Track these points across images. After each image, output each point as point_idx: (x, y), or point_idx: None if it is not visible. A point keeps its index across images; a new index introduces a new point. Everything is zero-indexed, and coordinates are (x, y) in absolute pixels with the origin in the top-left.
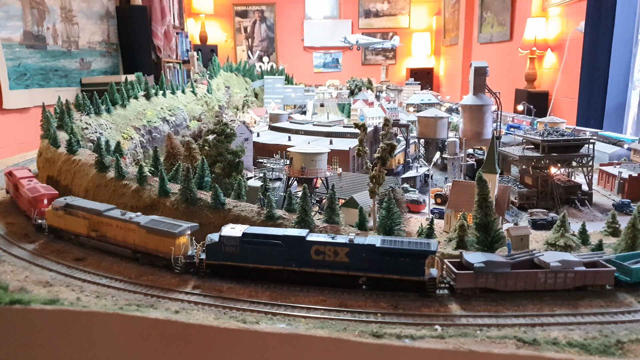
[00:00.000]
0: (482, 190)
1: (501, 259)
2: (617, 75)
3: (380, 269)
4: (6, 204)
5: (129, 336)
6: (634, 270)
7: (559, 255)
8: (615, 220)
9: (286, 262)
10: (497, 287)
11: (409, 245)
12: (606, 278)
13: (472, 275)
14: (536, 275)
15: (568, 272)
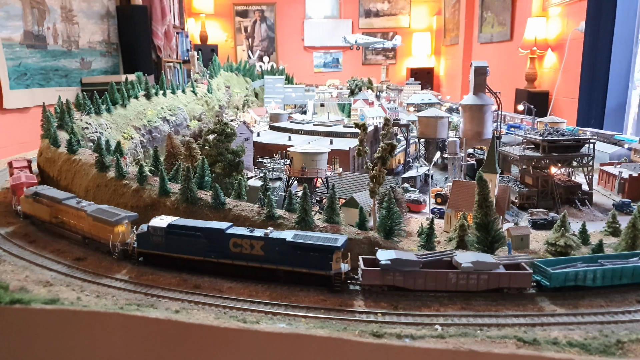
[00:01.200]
0: (482, 190)
1: (412, 257)
2: (618, 75)
3: (291, 262)
4: (6, 204)
5: (129, 336)
6: (553, 275)
7: (474, 256)
8: (615, 220)
9: (206, 253)
10: (405, 285)
11: (317, 240)
12: (523, 281)
13: (378, 273)
14: (447, 275)
15: (481, 273)
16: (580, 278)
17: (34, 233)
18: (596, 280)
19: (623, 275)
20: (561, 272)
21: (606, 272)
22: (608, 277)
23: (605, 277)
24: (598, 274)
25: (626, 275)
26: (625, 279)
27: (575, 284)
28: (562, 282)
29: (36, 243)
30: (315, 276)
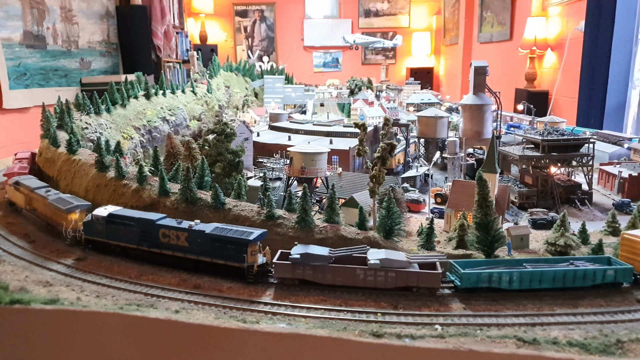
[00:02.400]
0: (482, 190)
1: (323, 252)
2: (617, 75)
3: (211, 254)
4: (5, 204)
5: (129, 336)
6: (464, 275)
7: (386, 253)
8: (615, 220)
9: (139, 242)
10: (315, 279)
11: (233, 233)
12: (432, 281)
13: (289, 266)
14: (355, 271)
15: (389, 271)
16: (495, 280)
17: (34, 233)
18: (512, 283)
19: (543, 279)
20: (473, 273)
21: (523, 275)
22: (526, 280)
23: (522, 280)
24: (514, 277)
25: (546, 279)
26: (546, 283)
27: (489, 285)
28: (474, 283)
29: (36, 243)
30: (231, 268)
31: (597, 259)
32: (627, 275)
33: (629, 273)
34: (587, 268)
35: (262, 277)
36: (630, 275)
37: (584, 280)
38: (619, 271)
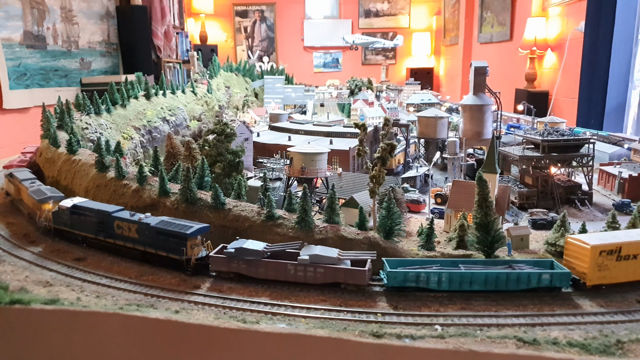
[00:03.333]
0: (482, 190)
1: (258, 247)
2: (617, 75)
3: (156, 245)
4: (6, 204)
5: (129, 336)
6: (389, 274)
7: (318, 250)
8: (615, 220)
9: (97, 232)
10: (249, 273)
11: (174, 227)
12: (359, 278)
13: (225, 260)
14: (286, 266)
15: (317, 267)
16: (423, 280)
17: (34, 233)
18: (441, 283)
19: (474, 281)
20: (399, 272)
21: (453, 276)
22: (456, 282)
23: (452, 281)
24: (443, 278)
25: (477, 281)
26: (477, 285)
27: (417, 285)
28: (400, 282)
29: (36, 243)
30: (172, 260)
31: (539, 263)
32: (563, 280)
33: (566, 277)
34: (521, 271)
35: (200, 270)
36: (568, 279)
37: (518, 283)
38: (554, 275)
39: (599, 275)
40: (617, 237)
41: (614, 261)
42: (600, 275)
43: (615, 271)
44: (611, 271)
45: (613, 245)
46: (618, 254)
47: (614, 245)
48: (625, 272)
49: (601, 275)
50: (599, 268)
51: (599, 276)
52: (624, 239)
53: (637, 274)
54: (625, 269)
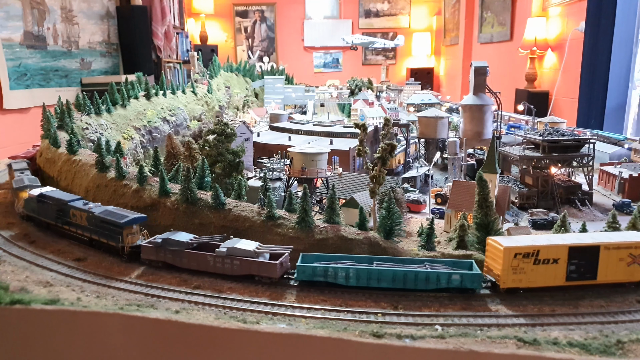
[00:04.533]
0: (482, 190)
1: (183, 238)
2: (618, 75)
3: (100, 233)
4: (6, 204)
5: (129, 336)
6: (299, 268)
7: (239, 243)
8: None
9: (57, 219)
10: (174, 263)
11: (113, 216)
12: (271, 271)
13: (153, 249)
14: (206, 257)
15: (234, 259)
16: (331, 275)
17: (34, 233)
18: (349, 279)
19: (382, 278)
20: (308, 267)
21: (360, 272)
22: (363, 278)
23: (359, 277)
24: (351, 273)
25: (385, 278)
26: (385, 282)
27: (325, 279)
28: (309, 276)
29: (36, 243)
30: (111, 247)
31: (458, 263)
32: (475, 281)
33: (477, 279)
34: (429, 271)
35: (135, 257)
36: (479, 281)
37: (427, 283)
38: (465, 276)
39: (513, 279)
40: (535, 240)
41: (531, 265)
42: (516, 278)
43: (532, 275)
44: (528, 275)
45: (530, 248)
46: (535, 257)
47: (530, 248)
48: (544, 277)
49: (517, 278)
50: (514, 271)
51: (514, 279)
52: (542, 242)
53: (558, 280)
54: (544, 273)
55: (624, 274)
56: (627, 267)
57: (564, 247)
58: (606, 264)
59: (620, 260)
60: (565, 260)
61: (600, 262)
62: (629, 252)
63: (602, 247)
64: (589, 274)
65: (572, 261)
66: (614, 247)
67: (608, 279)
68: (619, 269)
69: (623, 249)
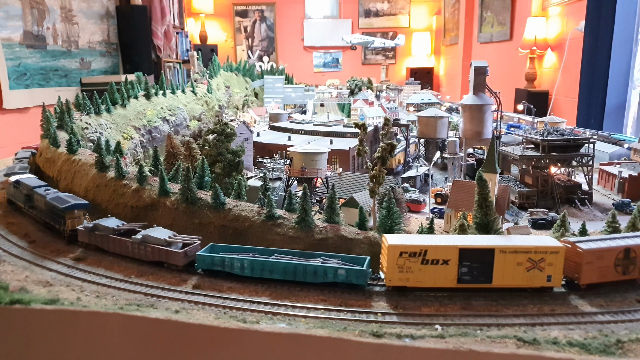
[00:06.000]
0: (482, 190)
1: (110, 225)
2: (617, 75)
3: (51, 218)
4: (6, 204)
5: (129, 336)
6: (198, 257)
7: (153, 231)
8: (615, 220)
9: (25, 203)
10: (103, 246)
11: (57, 201)
12: (175, 259)
13: (86, 233)
14: (125, 243)
15: (147, 246)
16: (228, 265)
17: (34, 233)
18: (244, 269)
19: (274, 270)
20: (207, 256)
21: (254, 263)
22: (257, 269)
23: (253, 268)
24: (246, 264)
25: (277, 270)
26: (277, 274)
27: (223, 269)
28: (209, 265)
29: (36, 243)
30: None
31: (355, 259)
32: (360, 277)
33: (362, 275)
34: (317, 265)
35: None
36: (364, 277)
37: (316, 276)
38: (350, 272)
39: (400, 277)
40: (425, 240)
41: (419, 264)
42: (403, 277)
43: (420, 275)
44: (415, 274)
45: (417, 248)
46: (423, 257)
47: (417, 248)
48: (434, 278)
49: (403, 277)
50: (399, 269)
51: (400, 278)
52: (431, 242)
53: (449, 281)
54: (434, 274)
55: (522, 279)
56: (527, 272)
57: (454, 248)
58: (502, 268)
59: (518, 264)
60: (456, 262)
61: (496, 265)
62: (527, 257)
63: (497, 250)
64: (483, 277)
65: (463, 263)
66: (510, 251)
67: (505, 284)
68: (517, 274)
69: (521, 253)
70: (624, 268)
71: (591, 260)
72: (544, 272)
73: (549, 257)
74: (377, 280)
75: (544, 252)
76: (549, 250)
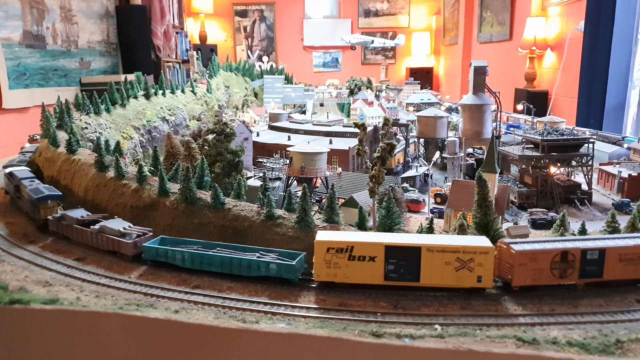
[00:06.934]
0: (481, 190)
1: (75, 215)
2: (617, 75)
3: (29, 207)
4: (6, 204)
5: (129, 336)
6: (145, 248)
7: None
8: (614, 220)
9: (15, 193)
10: (69, 236)
11: (33, 193)
12: (126, 249)
13: (55, 222)
14: (86, 232)
15: (103, 235)
16: (171, 256)
17: (33, 233)
18: (185, 261)
19: (212, 263)
20: (152, 247)
21: (194, 256)
22: (197, 261)
23: (193, 260)
24: (186, 256)
25: (215, 263)
26: (215, 267)
27: (166, 260)
28: (154, 256)
29: (35, 243)
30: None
31: (292, 255)
32: (290, 271)
33: (292, 269)
34: (251, 259)
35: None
36: (294, 272)
37: (249, 270)
38: (281, 266)
39: (328, 273)
40: (352, 236)
41: (346, 260)
42: (330, 272)
43: (348, 271)
44: (343, 270)
45: (343, 244)
46: (350, 253)
47: (344, 244)
48: (361, 274)
49: (331, 272)
50: (327, 265)
51: (328, 273)
52: (358, 239)
53: (376, 278)
54: (361, 270)
55: (451, 278)
56: (456, 272)
57: (380, 245)
58: (430, 267)
59: (446, 264)
60: (382, 259)
61: (423, 264)
62: (456, 257)
63: (424, 248)
64: (410, 275)
65: (390, 260)
66: (437, 250)
67: (433, 283)
68: (445, 273)
69: (449, 253)
70: (561, 271)
71: (524, 262)
72: (473, 273)
73: (478, 258)
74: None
75: (473, 252)
76: (478, 250)
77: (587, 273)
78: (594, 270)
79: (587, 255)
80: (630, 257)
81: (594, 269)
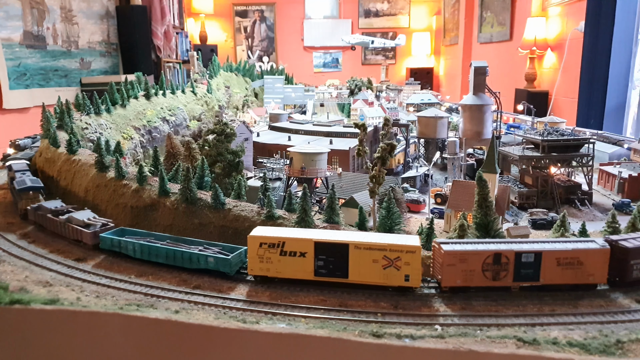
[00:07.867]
0: (482, 190)
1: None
2: (617, 75)
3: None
4: (6, 204)
5: (129, 336)
6: (101, 238)
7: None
8: (615, 220)
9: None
10: (43, 224)
11: (18, 184)
12: (86, 238)
13: (33, 212)
14: (56, 222)
15: (69, 225)
16: (124, 247)
17: (33, 233)
18: (136, 252)
19: (159, 254)
20: (107, 238)
21: (143, 247)
22: (145, 252)
23: (143, 251)
24: (137, 247)
25: (161, 255)
26: (161, 258)
27: (120, 250)
28: (109, 246)
29: (36, 243)
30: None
31: (235, 249)
32: (226, 265)
33: (228, 263)
34: (192, 252)
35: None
36: (230, 266)
37: (191, 262)
38: (218, 260)
39: (261, 267)
40: (283, 232)
41: (278, 255)
42: (263, 267)
43: (280, 266)
44: (275, 265)
45: (275, 239)
46: (281, 249)
47: (276, 239)
48: (293, 269)
49: (264, 267)
50: (260, 259)
51: (261, 268)
52: (289, 235)
53: (307, 274)
54: (292, 265)
55: (379, 276)
56: (383, 269)
57: (310, 241)
58: (357, 264)
59: (374, 261)
60: (312, 255)
61: (351, 261)
62: (383, 254)
63: (351, 245)
64: (339, 271)
65: (319, 257)
66: (364, 247)
67: (362, 280)
68: (373, 271)
69: (376, 250)
70: (494, 274)
71: (452, 262)
72: (401, 271)
73: (405, 257)
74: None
75: (400, 251)
76: (404, 249)
77: (522, 276)
78: (530, 274)
79: (522, 258)
80: (568, 261)
81: (529, 272)
